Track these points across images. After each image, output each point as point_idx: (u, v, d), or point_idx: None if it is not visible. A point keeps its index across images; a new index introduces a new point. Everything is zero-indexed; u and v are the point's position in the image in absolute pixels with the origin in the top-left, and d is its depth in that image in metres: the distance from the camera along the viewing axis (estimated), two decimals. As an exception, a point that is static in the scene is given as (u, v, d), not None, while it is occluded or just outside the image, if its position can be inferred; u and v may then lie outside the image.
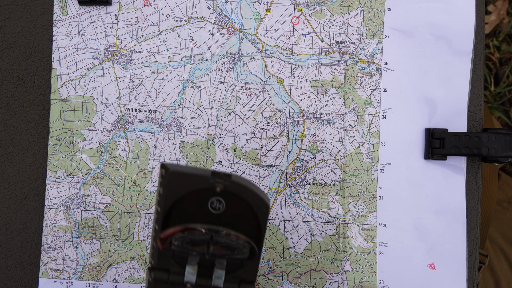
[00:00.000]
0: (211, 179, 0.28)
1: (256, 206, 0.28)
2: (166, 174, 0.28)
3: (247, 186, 0.28)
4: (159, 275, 0.30)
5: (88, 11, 0.45)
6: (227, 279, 0.30)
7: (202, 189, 0.28)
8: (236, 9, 0.46)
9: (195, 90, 0.45)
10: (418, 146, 0.46)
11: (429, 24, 0.46)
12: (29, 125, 0.46)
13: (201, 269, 0.30)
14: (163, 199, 0.28)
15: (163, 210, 0.28)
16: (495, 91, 1.14)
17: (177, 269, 0.30)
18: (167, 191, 0.28)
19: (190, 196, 0.28)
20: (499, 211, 0.71)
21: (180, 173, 0.28)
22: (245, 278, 0.30)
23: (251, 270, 0.30)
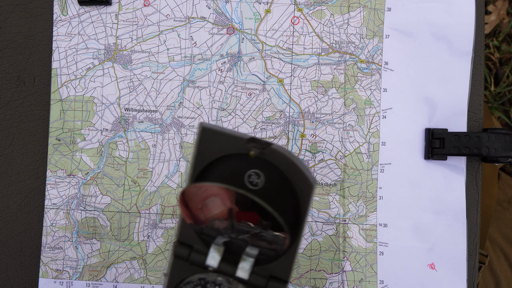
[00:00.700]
0: (247, 143, 0.23)
1: (297, 184, 0.24)
2: (201, 133, 0.25)
3: (288, 158, 0.23)
4: (179, 251, 0.26)
5: (88, 11, 0.45)
6: (256, 271, 0.25)
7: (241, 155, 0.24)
8: (236, 9, 0.46)
9: (195, 90, 0.45)
10: (418, 146, 0.46)
11: (429, 24, 0.46)
12: (29, 125, 0.46)
13: (227, 253, 0.26)
14: (195, 161, 0.25)
15: (195, 173, 0.25)
16: (495, 91, 1.14)
17: (200, 247, 0.26)
18: (201, 151, 0.25)
19: (226, 164, 0.25)
20: (499, 211, 0.71)
21: (215, 132, 0.24)
22: (276, 275, 0.25)
23: (284, 264, 0.25)
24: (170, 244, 0.45)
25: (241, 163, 0.24)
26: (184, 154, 0.45)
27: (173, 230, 0.45)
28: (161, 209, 0.45)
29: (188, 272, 0.26)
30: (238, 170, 0.25)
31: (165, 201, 0.45)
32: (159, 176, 0.45)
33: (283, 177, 0.24)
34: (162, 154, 0.45)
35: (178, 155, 0.45)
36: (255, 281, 0.25)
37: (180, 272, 0.26)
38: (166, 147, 0.45)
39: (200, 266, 0.26)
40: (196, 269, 0.26)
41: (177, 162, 0.45)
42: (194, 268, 0.26)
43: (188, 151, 0.45)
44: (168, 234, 0.45)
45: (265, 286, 0.25)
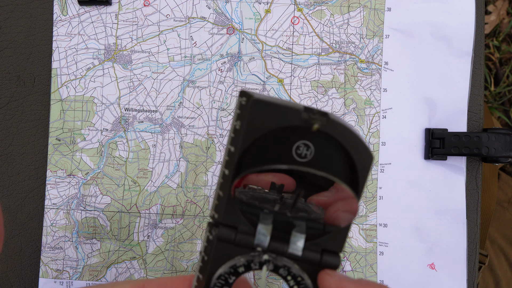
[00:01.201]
0: (304, 114, 0.22)
1: (357, 156, 0.22)
2: (247, 103, 0.22)
3: (350, 129, 0.22)
4: (225, 233, 0.24)
5: (88, 11, 0.45)
6: (307, 246, 0.24)
7: (289, 127, 0.22)
8: (236, 9, 0.46)
9: (195, 90, 0.45)
10: (418, 146, 0.46)
11: (429, 24, 0.46)
12: (29, 125, 0.46)
13: (274, 232, 0.24)
14: (240, 136, 0.22)
15: (238, 150, 0.23)
16: (495, 91, 1.14)
17: (246, 228, 0.24)
18: (246, 125, 0.22)
19: (271, 138, 0.23)
20: (499, 211, 0.71)
21: (265, 103, 0.22)
22: (329, 248, 0.24)
23: (337, 237, 0.24)
24: (171, 242, 0.45)
25: (288, 134, 0.23)
26: (184, 154, 0.45)
27: (173, 230, 0.45)
28: (161, 209, 0.45)
29: (231, 254, 0.24)
30: (284, 142, 0.23)
31: (165, 201, 0.45)
32: (159, 176, 0.45)
33: (336, 147, 0.23)
34: (162, 154, 0.45)
35: (178, 155, 0.45)
36: (309, 257, 0.24)
37: (221, 255, 0.24)
38: (166, 147, 0.45)
39: (248, 247, 0.24)
40: (240, 250, 0.24)
41: (177, 162, 0.45)
42: (237, 250, 0.24)
43: (188, 151, 0.45)
44: (168, 234, 0.45)
45: (320, 260, 0.24)
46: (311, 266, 0.24)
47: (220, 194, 0.24)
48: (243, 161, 0.23)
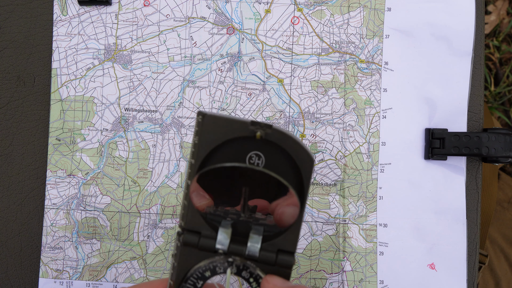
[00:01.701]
0: (251, 126, 0.25)
1: (299, 160, 0.25)
2: (203, 120, 0.25)
3: (290, 136, 0.25)
4: (188, 238, 0.26)
5: (88, 11, 0.45)
6: (264, 247, 0.26)
7: (240, 138, 0.25)
8: (236, 9, 0.46)
9: (195, 90, 0.45)
10: (418, 146, 0.46)
11: (429, 24, 0.46)
12: (29, 125, 0.46)
13: (234, 236, 0.27)
14: (198, 149, 0.26)
15: (198, 161, 0.26)
16: (495, 91, 1.14)
17: (208, 232, 0.26)
18: (203, 138, 0.25)
19: (226, 150, 0.26)
20: (499, 211, 0.71)
21: (217, 118, 0.25)
22: (283, 248, 0.27)
23: (290, 238, 0.26)
24: (171, 242, 0.45)
25: (240, 146, 0.26)
26: (184, 154, 0.45)
27: (173, 230, 0.45)
28: (161, 209, 0.45)
29: (196, 258, 0.27)
30: (238, 154, 0.26)
31: (165, 201, 0.45)
32: (159, 176, 0.45)
33: (282, 155, 0.26)
34: (162, 154, 0.45)
35: (178, 155, 0.45)
36: (265, 257, 0.26)
37: (187, 260, 0.27)
38: (166, 147, 0.45)
39: (210, 250, 0.26)
40: (204, 254, 0.27)
41: (177, 162, 0.45)
42: (202, 254, 0.27)
43: (188, 151, 0.45)
44: (168, 234, 0.45)
45: (275, 260, 0.26)
46: (269, 267, 0.27)
47: (185, 203, 0.27)
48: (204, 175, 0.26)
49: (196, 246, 0.26)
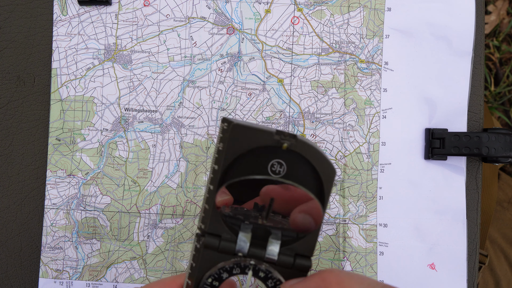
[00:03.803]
0: (276, 136, 0.26)
1: (322, 170, 0.26)
2: (228, 127, 0.26)
3: (314, 147, 0.26)
4: (210, 241, 0.27)
5: (88, 11, 0.45)
6: (282, 251, 0.27)
7: (264, 148, 0.26)
8: (236, 9, 0.46)
9: (195, 90, 0.45)
10: (418, 146, 0.46)
11: (429, 24, 0.46)
12: (29, 125, 0.46)
13: (254, 239, 0.27)
14: (222, 155, 0.26)
15: (221, 168, 0.26)
16: (495, 91, 1.14)
17: (229, 236, 0.27)
18: (228, 146, 0.26)
19: (249, 157, 0.26)
20: (499, 211, 0.71)
21: (243, 126, 0.26)
22: (301, 252, 0.28)
23: (308, 243, 0.28)
24: (170, 242, 0.45)
25: (263, 154, 0.26)
26: (184, 154, 0.45)
27: (173, 230, 0.45)
28: (161, 209, 0.45)
29: (215, 260, 0.28)
30: (261, 161, 0.27)
31: (165, 201, 0.45)
32: (159, 176, 0.45)
33: (304, 164, 0.26)
34: (162, 154, 0.45)
35: (178, 155, 0.45)
36: (283, 261, 0.27)
37: (207, 261, 0.28)
38: (166, 147, 0.45)
39: (230, 253, 0.27)
40: (223, 256, 0.28)
41: (177, 162, 0.45)
42: (221, 256, 0.28)
43: (188, 151, 0.45)
44: (168, 234, 0.45)
45: (293, 263, 0.27)
46: (286, 269, 0.28)
47: (206, 207, 0.27)
48: (226, 179, 0.27)
49: (217, 249, 0.27)
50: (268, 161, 0.26)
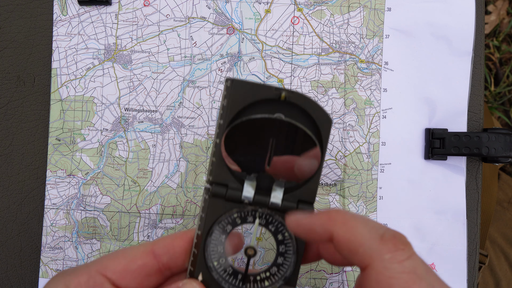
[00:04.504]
0: (275, 89, 0.28)
1: (319, 120, 0.28)
2: (231, 84, 0.28)
3: (310, 99, 0.28)
4: (217, 190, 0.29)
5: (88, 11, 0.45)
6: (285, 198, 0.29)
7: (265, 101, 0.28)
8: (236, 9, 0.46)
9: (195, 90, 0.45)
10: (418, 146, 0.46)
11: (429, 24, 0.46)
12: (29, 125, 0.46)
13: (259, 190, 0.29)
14: (226, 110, 0.28)
15: (226, 122, 0.28)
16: (495, 91, 1.14)
17: (235, 185, 0.29)
18: (231, 101, 0.28)
19: (251, 110, 0.29)
20: (499, 211, 0.71)
21: (245, 82, 0.28)
22: (303, 198, 0.29)
23: (310, 190, 0.29)
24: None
25: (264, 108, 0.29)
26: (184, 154, 0.45)
27: (173, 230, 0.45)
28: (161, 209, 0.45)
29: (223, 209, 0.29)
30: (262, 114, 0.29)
31: (165, 201, 0.45)
32: (159, 176, 0.45)
33: (303, 116, 0.29)
34: (162, 154, 0.45)
35: (178, 155, 0.45)
36: (287, 206, 0.29)
37: (215, 210, 0.29)
38: (166, 147, 0.45)
39: (236, 201, 0.29)
40: (230, 205, 0.29)
41: (177, 162, 0.45)
42: (228, 205, 0.29)
43: (188, 151, 0.45)
44: (167, 234, 0.45)
45: (297, 208, 0.29)
46: None
47: (213, 160, 0.29)
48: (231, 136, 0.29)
49: (224, 197, 0.29)
50: (268, 113, 0.28)
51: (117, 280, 0.28)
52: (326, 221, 0.26)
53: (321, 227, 0.26)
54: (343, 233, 0.25)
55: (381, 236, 0.24)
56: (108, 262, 0.29)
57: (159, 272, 0.30)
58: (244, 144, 0.29)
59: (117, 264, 0.29)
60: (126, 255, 0.29)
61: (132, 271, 0.29)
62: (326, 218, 0.26)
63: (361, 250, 0.24)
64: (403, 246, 0.24)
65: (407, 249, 0.24)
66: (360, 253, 0.24)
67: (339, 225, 0.25)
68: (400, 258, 0.23)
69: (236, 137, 0.29)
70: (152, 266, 0.29)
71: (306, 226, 0.27)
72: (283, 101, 0.28)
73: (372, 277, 0.23)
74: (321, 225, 0.26)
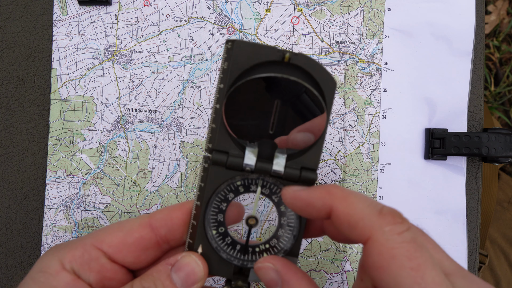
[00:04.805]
0: (279, 51, 0.27)
1: (323, 82, 0.27)
2: (232, 45, 0.27)
3: (315, 60, 0.27)
4: (217, 157, 0.27)
5: (88, 11, 0.45)
6: (288, 165, 0.28)
7: (267, 63, 0.27)
8: (236, 9, 0.46)
9: (195, 90, 0.45)
10: (418, 146, 0.46)
11: (429, 24, 0.46)
12: (29, 125, 0.46)
13: (260, 156, 0.28)
14: (227, 74, 0.27)
15: (227, 86, 0.27)
16: (495, 91, 1.14)
17: (236, 152, 0.28)
18: (232, 63, 0.27)
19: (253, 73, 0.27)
20: (499, 211, 0.71)
21: (247, 43, 0.27)
22: (306, 165, 0.28)
23: (313, 156, 0.28)
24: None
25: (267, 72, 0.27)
26: (184, 154, 0.45)
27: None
28: (161, 209, 0.45)
29: (224, 177, 0.28)
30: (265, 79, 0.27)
31: (165, 201, 0.45)
32: (159, 176, 0.45)
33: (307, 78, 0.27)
34: (162, 154, 0.45)
35: (178, 155, 0.45)
36: (289, 174, 0.28)
37: (215, 179, 0.28)
38: (166, 147, 0.45)
39: (238, 169, 0.28)
40: (231, 173, 0.28)
41: (177, 162, 0.45)
42: (229, 173, 0.28)
43: (188, 151, 0.45)
44: (168, 234, 0.45)
45: (299, 175, 0.28)
46: (293, 183, 0.28)
47: (213, 127, 0.28)
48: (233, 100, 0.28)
49: (225, 164, 0.28)
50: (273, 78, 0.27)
51: (113, 254, 0.28)
52: (325, 195, 0.25)
53: (320, 201, 0.25)
54: (343, 208, 0.25)
55: (380, 211, 0.24)
56: (104, 236, 0.28)
57: (157, 246, 0.29)
58: (246, 108, 0.28)
59: (113, 238, 0.28)
60: (122, 228, 0.28)
61: (129, 244, 0.28)
62: (325, 193, 0.25)
63: (361, 224, 0.24)
64: (401, 220, 0.24)
65: (405, 222, 0.24)
66: (360, 227, 0.24)
67: (338, 199, 0.25)
68: (399, 229, 0.24)
69: (237, 101, 0.27)
70: (150, 239, 0.28)
71: (304, 199, 0.26)
72: (286, 63, 0.27)
73: (375, 249, 0.23)
74: (320, 199, 0.25)
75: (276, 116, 0.28)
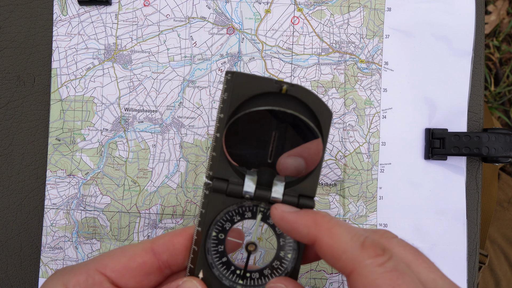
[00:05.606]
0: (276, 83, 0.28)
1: (319, 113, 0.28)
2: (232, 77, 0.28)
3: (311, 91, 0.28)
4: (218, 185, 0.29)
5: (88, 11, 0.45)
6: (286, 192, 0.29)
7: (266, 94, 0.28)
8: (236, 9, 0.46)
9: (195, 90, 0.45)
10: (418, 146, 0.46)
11: (429, 24, 0.46)
12: (29, 125, 0.46)
13: (259, 183, 0.29)
14: (227, 103, 0.28)
15: (227, 116, 0.28)
16: (495, 91, 1.14)
17: (236, 180, 0.29)
18: (232, 94, 0.28)
19: (252, 104, 0.28)
20: (499, 211, 0.71)
21: (246, 75, 0.28)
22: (304, 193, 0.29)
23: (310, 184, 0.29)
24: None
25: (265, 102, 0.28)
26: (184, 154, 0.45)
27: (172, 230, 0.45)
28: (161, 209, 0.45)
29: (224, 204, 0.29)
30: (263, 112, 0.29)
31: (165, 201, 0.45)
32: (159, 176, 0.45)
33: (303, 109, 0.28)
34: (162, 154, 0.45)
35: (178, 155, 0.45)
36: (288, 201, 0.29)
37: (216, 206, 0.29)
38: (166, 147, 0.45)
39: (237, 196, 0.29)
40: (231, 200, 0.29)
41: (177, 162, 0.45)
42: (229, 200, 0.29)
43: (188, 151, 0.45)
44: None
45: (298, 202, 0.29)
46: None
47: (214, 155, 0.29)
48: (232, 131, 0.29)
49: (225, 192, 0.29)
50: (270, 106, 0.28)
51: (116, 278, 0.28)
52: (311, 224, 0.26)
53: (305, 229, 0.26)
54: (327, 239, 0.25)
55: (362, 244, 0.25)
56: (107, 260, 0.28)
57: (159, 271, 0.29)
58: (245, 138, 0.29)
59: (117, 262, 0.28)
60: (125, 253, 0.29)
61: (132, 269, 0.28)
62: (311, 222, 0.26)
63: (344, 257, 0.25)
64: (382, 252, 0.25)
65: (386, 253, 0.25)
66: (343, 260, 0.25)
67: (323, 231, 0.25)
68: (381, 261, 0.24)
69: (237, 130, 0.29)
70: (152, 264, 0.29)
71: (290, 222, 0.27)
72: (283, 94, 0.28)
73: (358, 282, 0.24)
74: (305, 227, 0.26)
75: (274, 146, 0.29)
